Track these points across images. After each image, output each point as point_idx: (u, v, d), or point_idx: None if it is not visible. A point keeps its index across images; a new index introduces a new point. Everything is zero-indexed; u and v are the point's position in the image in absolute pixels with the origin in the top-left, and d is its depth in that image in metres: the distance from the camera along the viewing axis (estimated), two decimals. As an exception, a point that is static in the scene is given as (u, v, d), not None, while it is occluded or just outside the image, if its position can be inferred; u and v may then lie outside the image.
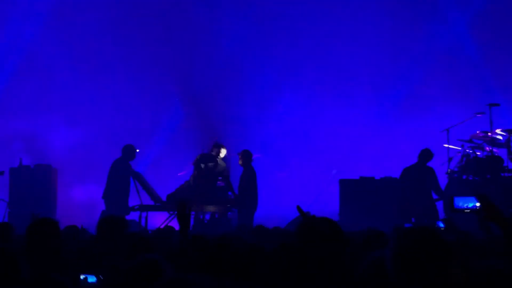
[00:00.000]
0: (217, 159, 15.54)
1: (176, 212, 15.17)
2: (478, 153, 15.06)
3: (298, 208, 4.02)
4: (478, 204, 4.01)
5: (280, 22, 20.88)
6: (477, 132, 15.25)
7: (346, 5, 20.68)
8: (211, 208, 15.40)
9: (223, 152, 15.62)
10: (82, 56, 20.60)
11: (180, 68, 21.03)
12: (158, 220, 16.32)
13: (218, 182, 15.99)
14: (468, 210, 4.26)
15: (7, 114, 20.26)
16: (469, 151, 15.10)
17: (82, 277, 5.07)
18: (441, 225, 8.80)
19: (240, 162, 15.23)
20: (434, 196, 14.66)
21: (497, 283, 3.63)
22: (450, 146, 15.61)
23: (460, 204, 4.29)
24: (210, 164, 15.42)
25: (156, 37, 20.88)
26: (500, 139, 15.22)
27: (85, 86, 20.50)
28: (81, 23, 20.61)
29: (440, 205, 14.64)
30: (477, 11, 20.06)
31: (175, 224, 15.34)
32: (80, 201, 19.24)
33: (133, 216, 15.40)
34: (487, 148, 15.05)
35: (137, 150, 15.63)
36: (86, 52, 20.69)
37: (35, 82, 20.62)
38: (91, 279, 5.08)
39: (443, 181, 15.01)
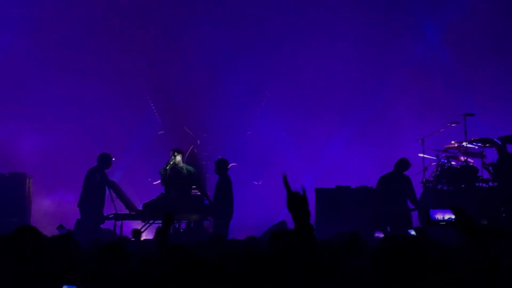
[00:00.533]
0: (175, 165, 15.44)
1: (151, 221, 15.25)
2: (453, 163, 15.12)
3: (284, 178, 3.95)
4: (453, 216, 4.02)
5: (257, 33, 20.91)
6: (452, 142, 15.33)
7: (320, 16, 20.75)
8: (186, 217, 15.33)
9: (177, 158, 15.50)
10: (56, 63, 20.46)
11: (156, 75, 20.99)
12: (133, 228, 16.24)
13: (194, 191, 15.93)
14: (444, 222, 4.28)
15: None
16: (443, 161, 15.15)
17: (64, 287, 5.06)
18: (413, 233, 8.80)
19: (216, 170, 15.17)
20: (410, 206, 14.69)
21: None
22: (425, 156, 15.67)
23: (436, 216, 4.31)
24: (169, 170, 15.36)
25: (132, 45, 20.82)
26: (474, 149, 15.30)
27: (59, 94, 20.36)
28: (54, 30, 20.50)
29: (415, 215, 14.67)
30: (450, 23, 20.20)
31: (149, 233, 15.30)
32: (54, 208, 19.12)
33: (108, 225, 15.33)
34: (462, 158, 15.12)
35: (113, 159, 15.56)
36: (60, 59, 20.56)
37: (9, 89, 20.43)
38: None
39: (418, 190, 15.07)
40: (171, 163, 15.45)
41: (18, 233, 5.79)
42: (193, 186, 15.86)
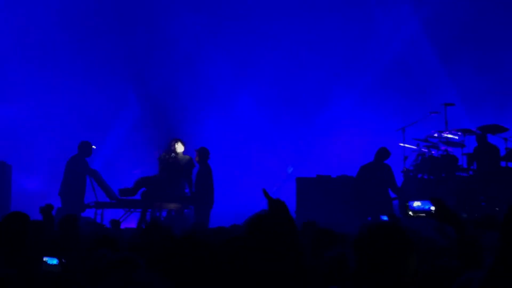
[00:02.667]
0: (176, 153, 15.43)
1: (132, 210, 15.28)
2: (433, 152, 15.20)
3: (264, 191, 3.97)
4: (433, 208, 4.04)
5: (237, 20, 20.87)
6: (432, 131, 15.39)
7: (300, 6, 20.75)
8: (167, 205, 15.34)
9: (179, 147, 15.49)
10: (36, 51, 20.34)
11: (137, 64, 20.91)
12: (114, 217, 16.22)
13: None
14: (423, 214, 4.29)
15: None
16: (424, 150, 15.23)
17: (44, 259, 5.18)
18: (385, 219, 8.81)
19: (197, 158, 15.17)
20: (392, 195, 14.73)
21: (446, 280, 3.68)
22: (406, 145, 15.73)
23: (415, 207, 4.32)
24: (169, 158, 15.34)
25: (112, 33, 20.71)
26: (455, 139, 15.38)
27: (39, 82, 20.26)
28: (36, 16, 20.35)
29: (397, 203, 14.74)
30: (432, 11, 20.24)
31: (130, 221, 15.30)
32: (35, 195, 19.03)
33: (88, 213, 15.30)
34: (442, 147, 15.19)
35: (94, 147, 15.52)
36: (41, 47, 20.44)
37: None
38: (52, 261, 5.19)
39: (398, 179, 15.13)
40: (173, 151, 15.41)
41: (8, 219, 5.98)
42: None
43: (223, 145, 20.04)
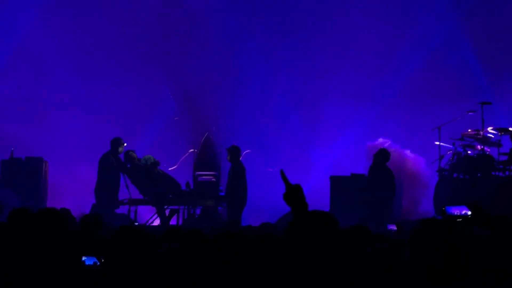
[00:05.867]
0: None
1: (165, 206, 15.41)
2: (469, 152, 15.06)
3: (282, 173, 3.94)
4: (469, 212, 4.00)
5: (274, 18, 20.85)
6: (469, 130, 15.25)
7: (335, 5, 20.67)
8: (201, 203, 15.43)
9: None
10: (74, 49, 20.48)
11: (172, 61, 20.98)
12: (148, 214, 16.32)
13: (206, 177, 16.11)
14: (461, 219, 4.25)
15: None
16: (460, 149, 15.10)
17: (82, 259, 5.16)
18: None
19: (228, 157, 15.17)
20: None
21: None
22: (442, 144, 15.61)
23: (453, 211, 4.28)
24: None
25: (148, 30, 20.80)
26: (491, 138, 15.22)
27: (75, 79, 20.39)
28: (73, 15, 20.52)
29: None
30: (469, 8, 20.04)
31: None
32: (71, 192, 19.19)
33: (122, 210, 15.38)
34: (478, 147, 15.04)
35: (125, 144, 15.54)
36: (77, 45, 20.58)
37: (26, 76, 20.46)
38: (90, 261, 5.17)
39: (434, 179, 15.00)
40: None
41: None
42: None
43: (257, 143, 20.04)
